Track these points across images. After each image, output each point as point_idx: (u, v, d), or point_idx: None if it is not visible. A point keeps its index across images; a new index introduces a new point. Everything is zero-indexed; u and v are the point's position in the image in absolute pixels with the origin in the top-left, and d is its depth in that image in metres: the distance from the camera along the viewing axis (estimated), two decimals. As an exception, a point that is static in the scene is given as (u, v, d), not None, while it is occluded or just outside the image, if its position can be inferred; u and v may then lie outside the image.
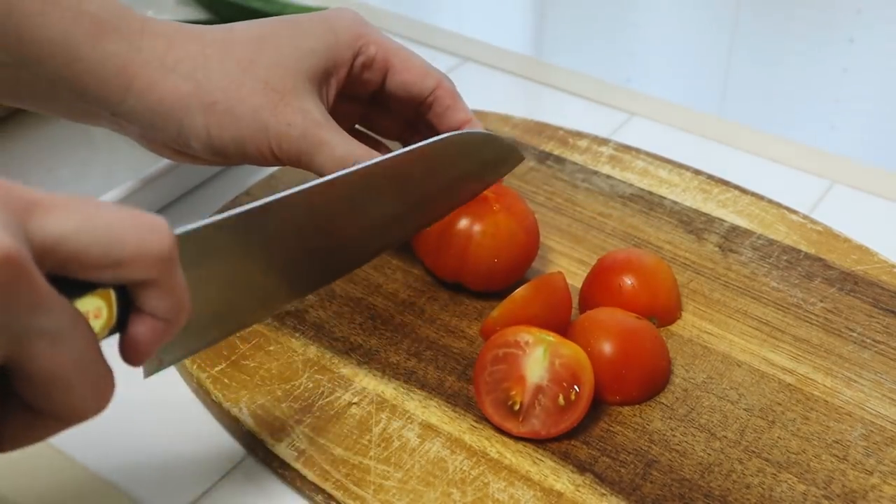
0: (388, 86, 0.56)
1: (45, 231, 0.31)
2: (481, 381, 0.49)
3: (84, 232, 0.32)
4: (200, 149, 0.52)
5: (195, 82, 0.51)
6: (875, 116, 0.87)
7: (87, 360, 0.33)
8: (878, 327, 0.55)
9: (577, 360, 0.48)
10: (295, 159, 0.52)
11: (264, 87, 0.51)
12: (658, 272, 0.55)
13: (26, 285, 0.30)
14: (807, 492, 0.46)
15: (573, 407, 0.48)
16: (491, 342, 0.49)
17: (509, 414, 0.48)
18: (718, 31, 0.92)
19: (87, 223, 0.32)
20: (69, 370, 0.32)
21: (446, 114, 0.56)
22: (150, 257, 0.34)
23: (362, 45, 0.54)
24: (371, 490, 0.46)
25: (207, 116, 0.51)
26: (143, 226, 0.34)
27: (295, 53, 0.52)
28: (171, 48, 0.51)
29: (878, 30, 0.83)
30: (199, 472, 0.50)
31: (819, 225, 0.62)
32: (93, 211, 0.33)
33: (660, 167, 0.68)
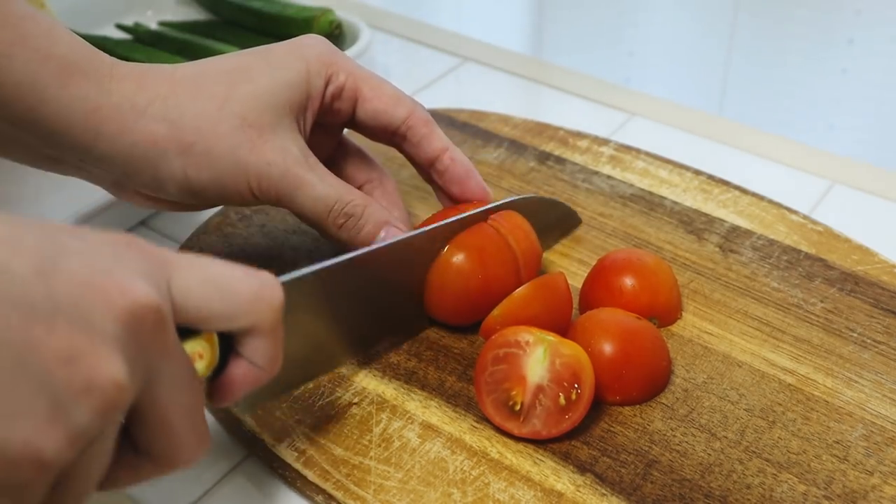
0: (359, 114, 0.54)
1: (175, 286, 0.35)
2: (482, 381, 0.48)
3: (206, 287, 0.36)
4: (177, 193, 0.50)
5: (169, 123, 0.49)
6: (875, 116, 0.87)
7: (196, 408, 0.36)
8: (879, 328, 0.55)
9: (578, 360, 0.48)
10: (274, 199, 0.51)
11: (241, 124, 0.50)
12: (658, 272, 0.55)
13: (164, 334, 0.34)
14: (807, 492, 0.46)
15: (574, 407, 0.48)
16: (491, 342, 0.49)
17: (510, 414, 0.48)
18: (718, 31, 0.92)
19: (208, 279, 0.36)
20: (181, 416, 0.35)
21: (422, 143, 0.55)
22: (260, 310, 0.38)
23: (332, 74, 0.53)
24: (371, 490, 0.46)
25: (185, 158, 0.49)
26: (257, 282, 0.38)
27: (270, 86, 0.51)
28: (141, 89, 0.49)
29: (877, 31, 0.83)
30: (200, 472, 0.50)
31: (819, 225, 0.62)
32: (213, 269, 0.37)
33: (660, 167, 0.68)
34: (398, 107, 0.54)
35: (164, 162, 0.49)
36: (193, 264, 0.36)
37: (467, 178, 0.56)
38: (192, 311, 0.36)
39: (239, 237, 0.61)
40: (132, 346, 0.32)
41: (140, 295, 0.32)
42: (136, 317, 0.32)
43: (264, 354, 0.39)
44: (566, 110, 0.78)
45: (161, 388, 0.34)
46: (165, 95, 0.50)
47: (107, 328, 0.31)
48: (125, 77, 0.50)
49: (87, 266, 0.32)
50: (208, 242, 0.61)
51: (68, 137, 0.49)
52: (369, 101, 0.54)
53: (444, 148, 0.55)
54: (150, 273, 0.34)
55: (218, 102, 0.50)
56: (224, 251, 0.60)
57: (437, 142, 0.55)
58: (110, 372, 0.31)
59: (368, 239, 0.53)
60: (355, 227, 0.52)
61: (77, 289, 0.31)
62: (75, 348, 0.30)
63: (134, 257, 0.34)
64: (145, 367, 0.33)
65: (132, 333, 0.32)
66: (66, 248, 0.32)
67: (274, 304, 0.38)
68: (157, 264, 0.35)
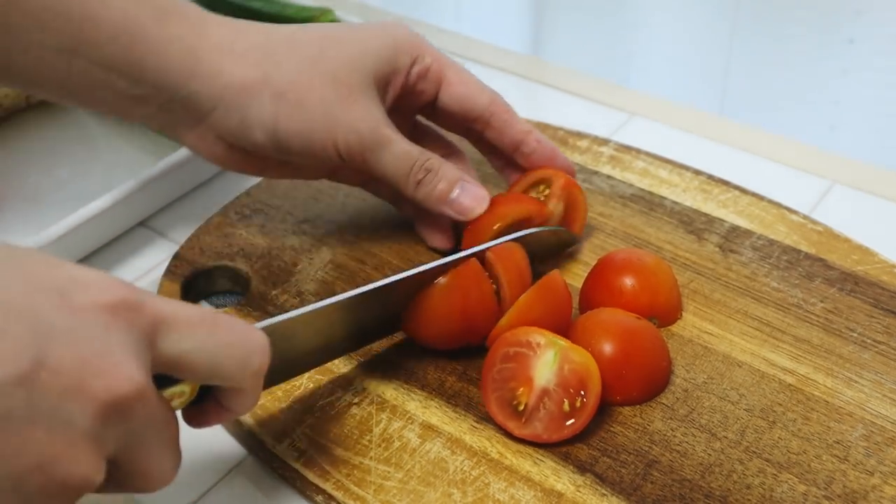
0: (442, 99, 0.56)
1: (169, 350, 0.35)
2: (489, 377, 0.48)
3: (199, 352, 0.36)
4: (262, 139, 0.52)
5: (264, 72, 0.51)
6: (875, 117, 0.87)
7: (168, 445, 0.37)
8: (879, 327, 0.55)
9: (587, 368, 0.48)
10: (359, 156, 0.52)
11: (333, 81, 0.51)
12: (658, 272, 0.55)
13: (146, 411, 0.34)
14: (807, 492, 0.46)
15: (577, 415, 0.47)
16: (503, 339, 0.49)
17: (513, 413, 0.48)
18: (718, 32, 0.92)
19: (202, 345, 0.36)
20: (155, 459, 0.36)
21: (505, 128, 0.57)
22: (245, 376, 0.39)
23: (419, 55, 0.55)
24: (371, 490, 0.46)
25: (277, 105, 0.51)
26: (249, 348, 0.38)
27: (360, 53, 0.53)
28: (240, 37, 0.51)
29: (877, 31, 0.83)
30: (200, 472, 0.50)
31: (819, 225, 0.62)
32: (207, 332, 0.36)
33: (660, 167, 0.68)
34: (482, 93, 0.56)
35: (257, 105, 0.51)
36: (188, 326, 0.36)
37: (554, 157, 0.58)
38: (179, 370, 0.37)
39: (239, 237, 0.61)
40: (110, 431, 0.33)
41: (122, 385, 0.32)
42: (116, 407, 0.32)
43: (239, 405, 0.41)
44: (566, 110, 0.78)
45: (135, 450, 0.35)
46: (262, 45, 0.51)
47: (85, 425, 0.32)
48: (222, 24, 0.52)
49: (71, 357, 0.31)
50: (208, 242, 0.61)
51: (161, 77, 0.50)
52: (454, 86, 0.56)
53: (529, 131, 0.58)
54: (137, 343, 0.34)
55: (311, 60, 0.52)
56: (224, 251, 0.60)
57: (521, 125, 0.57)
58: (85, 472, 0.32)
59: (444, 195, 0.54)
60: (432, 182, 0.54)
61: (58, 392, 0.31)
62: (50, 455, 0.31)
63: (122, 330, 0.33)
64: (124, 439, 0.34)
65: (111, 422, 0.33)
66: (50, 334, 0.31)
67: (258, 371, 0.39)
68: (147, 331, 0.35)
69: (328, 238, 0.61)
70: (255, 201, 0.64)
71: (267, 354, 0.39)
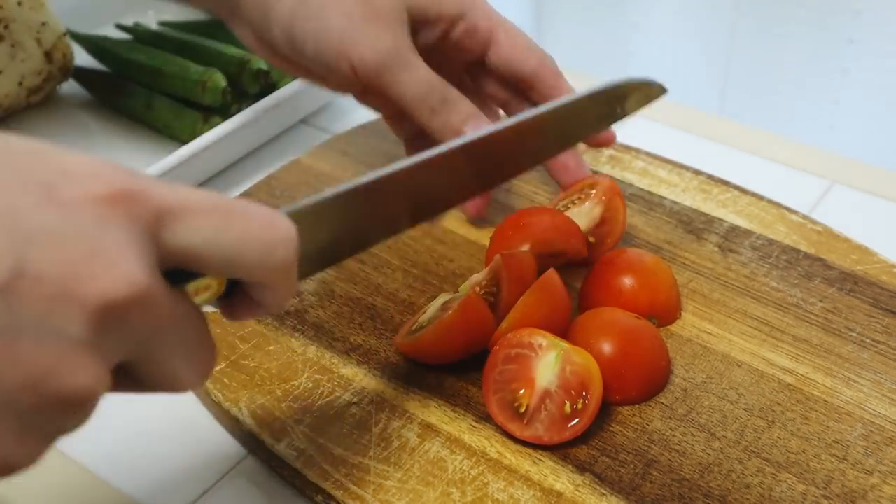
0: (491, 59, 0.55)
1: (175, 242, 0.31)
2: (490, 378, 0.48)
3: (213, 247, 0.32)
4: (281, 37, 0.51)
5: None
6: (875, 117, 0.87)
7: (196, 346, 0.34)
8: (878, 327, 0.55)
9: (588, 370, 0.48)
10: (374, 75, 0.51)
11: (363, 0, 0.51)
12: (658, 272, 0.55)
13: (152, 314, 0.31)
14: (806, 492, 0.46)
15: (578, 416, 0.47)
16: (505, 340, 0.49)
17: (514, 415, 0.48)
18: (718, 31, 0.92)
19: (214, 237, 0.32)
20: (181, 360, 0.33)
21: (550, 93, 0.56)
22: (270, 271, 0.34)
23: (468, 9, 0.54)
24: (371, 490, 0.46)
25: (297, 6, 0.50)
26: (270, 240, 0.34)
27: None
28: None
29: (877, 31, 0.83)
30: (199, 472, 0.50)
31: (819, 225, 0.62)
32: (222, 222, 0.32)
33: (659, 167, 0.68)
34: (530, 56, 0.55)
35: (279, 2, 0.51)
36: (197, 216, 0.32)
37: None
38: (197, 264, 0.33)
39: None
40: (110, 338, 0.30)
41: (117, 288, 0.29)
42: (112, 312, 0.29)
43: (272, 301, 0.37)
44: (566, 110, 0.78)
45: (156, 351, 0.32)
46: None
47: (77, 333, 0.29)
48: None
49: (57, 259, 0.28)
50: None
51: None
52: (503, 48, 0.55)
53: None
54: (139, 237, 0.30)
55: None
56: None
57: (567, 91, 0.56)
58: (82, 383, 0.29)
59: (458, 128, 0.53)
60: (448, 112, 0.53)
61: (43, 300, 0.28)
62: (41, 369, 0.28)
63: (120, 225, 0.30)
64: (133, 345, 0.31)
65: (108, 328, 0.30)
66: (31, 236, 0.28)
67: (284, 264, 0.35)
68: (151, 223, 0.31)
69: (328, 238, 0.61)
70: (255, 201, 0.64)
71: (293, 245, 0.35)
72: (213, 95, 0.71)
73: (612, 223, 0.58)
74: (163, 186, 0.32)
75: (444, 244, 0.61)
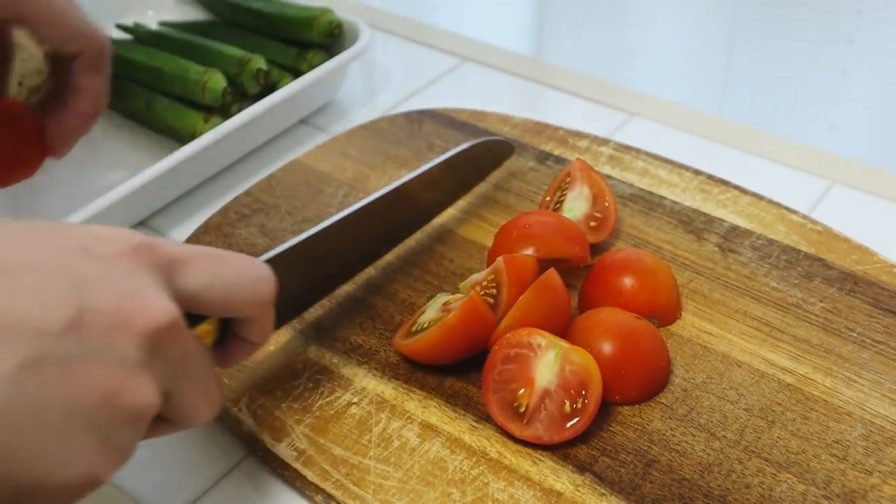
0: None
1: (186, 286, 0.38)
2: (489, 378, 0.48)
3: (213, 287, 0.39)
4: None
5: None
6: (875, 117, 0.87)
7: (208, 381, 0.40)
8: (878, 327, 0.55)
9: (587, 369, 0.48)
10: None
11: None
12: (658, 272, 0.55)
13: (181, 341, 0.37)
14: (806, 492, 0.46)
15: (578, 415, 0.47)
16: (504, 340, 0.49)
17: (514, 415, 0.48)
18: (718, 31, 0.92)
19: (215, 279, 0.39)
20: (198, 394, 0.39)
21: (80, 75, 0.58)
22: (257, 303, 0.42)
23: None
24: (371, 490, 0.46)
25: None
26: (255, 277, 0.42)
27: None
28: None
29: (877, 31, 0.83)
30: (199, 472, 0.50)
31: (819, 225, 0.62)
32: (218, 267, 0.40)
33: (660, 167, 0.68)
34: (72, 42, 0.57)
35: None
36: (198, 262, 0.39)
37: None
38: (199, 305, 0.39)
39: (239, 237, 0.61)
40: (157, 361, 0.36)
41: (159, 316, 0.35)
42: (158, 337, 0.35)
43: (258, 334, 0.44)
44: (566, 110, 0.78)
45: (181, 380, 0.38)
46: None
47: (135, 356, 0.35)
48: None
49: (110, 297, 0.34)
50: (208, 242, 0.61)
51: None
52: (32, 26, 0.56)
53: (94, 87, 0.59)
54: (160, 281, 0.37)
55: None
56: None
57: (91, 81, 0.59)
58: (147, 397, 0.35)
59: None
60: None
61: (105, 330, 0.34)
62: (113, 386, 0.34)
63: (145, 269, 0.36)
64: (170, 371, 0.37)
65: (156, 351, 0.35)
66: (86, 282, 0.34)
67: (267, 299, 0.42)
68: (166, 269, 0.38)
69: (328, 238, 0.61)
70: (255, 201, 0.65)
71: (272, 281, 0.42)
72: (213, 95, 0.71)
73: (601, 197, 0.60)
74: (167, 243, 0.39)
75: (444, 244, 0.61)
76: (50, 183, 0.70)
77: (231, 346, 0.44)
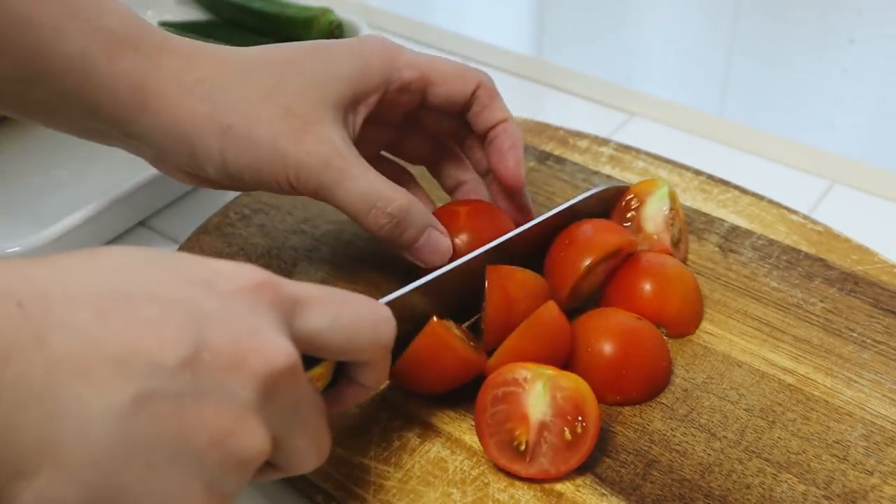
0: (430, 101, 0.54)
1: (306, 328, 0.37)
2: (483, 423, 0.47)
3: (335, 329, 0.38)
4: (214, 173, 0.50)
5: (212, 104, 0.49)
6: (875, 116, 0.87)
7: (320, 429, 0.39)
8: (879, 327, 0.55)
9: (580, 392, 0.46)
10: (313, 191, 0.50)
11: (286, 113, 0.49)
12: (675, 281, 0.54)
13: (297, 385, 0.35)
14: (807, 492, 0.46)
15: (580, 441, 0.46)
16: (489, 382, 0.47)
17: (516, 455, 0.46)
18: (718, 31, 0.92)
19: (336, 321, 0.38)
20: (308, 441, 0.38)
21: (483, 113, 0.55)
22: (377, 347, 0.40)
23: (394, 71, 0.52)
24: (371, 490, 0.46)
25: (222, 141, 0.49)
26: (377, 319, 0.40)
27: (321, 80, 0.50)
28: (191, 68, 0.49)
29: (878, 30, 0.83)
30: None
31: (819, 225, 0.62)
32: (340, 307, 0.38)
33: (660, 167, 0.68)
34: (467, 83, 0.55)
35: (202, 141, 0.49)
36: (321, 304, 0.38)
37: (509, 151, 0.55)
38: (317, 348, 0.38)
39: (239, 237, 0.61)
40: (271, 405, 0.34)
41: (278, 358, 0.34)
42: (275, 380, 0.34)
43: (372, 379, 0.42)
44: (566, 110, 0.78)
45: (292, 426, 0.36)
46: (213, 76, 0.49)
47: (250, 398, 0.33)
48: (174, 53, 0.49)
49: (228, 336, 0.33)
50: (208, 242, 0.61)
51: (114, 111, 0.49)
52: (440, 86, 0.54)
53: (505, 118, 0.55)
54: (280, 321, 0.35)
55: (265, 91, 0.49)
56: (224, 251, 0.60)
57: (498, 112, 0.55)
58: (257, 443, 0.33)
59: (410, 242, 0.52)
60: (397, 228, 0.51)
61: (221, 370, 0.33)
62: (224, 429, 0.32)
63: (267, 310, 0.35)
64: (282, 416, 0.35)
65: (271, 395, 0.34)
66: (206, 318, 0.33)
67: (387, 343, 0.41)
68: (288, 309, 0.36)
69: (328, 238, 0.61)
70: (255, 201, 0.65)
71: (393, 325, 0.41)
72: (213, 95, 0.71)
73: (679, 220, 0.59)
74: (290, 282, 0.37)
75: (444, 244, 0.61)
76: (50, 183, 0.70)
77: (343, 389, 0.43)
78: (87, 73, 0.48)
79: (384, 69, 0.52)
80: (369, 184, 0.50)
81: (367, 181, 0.50)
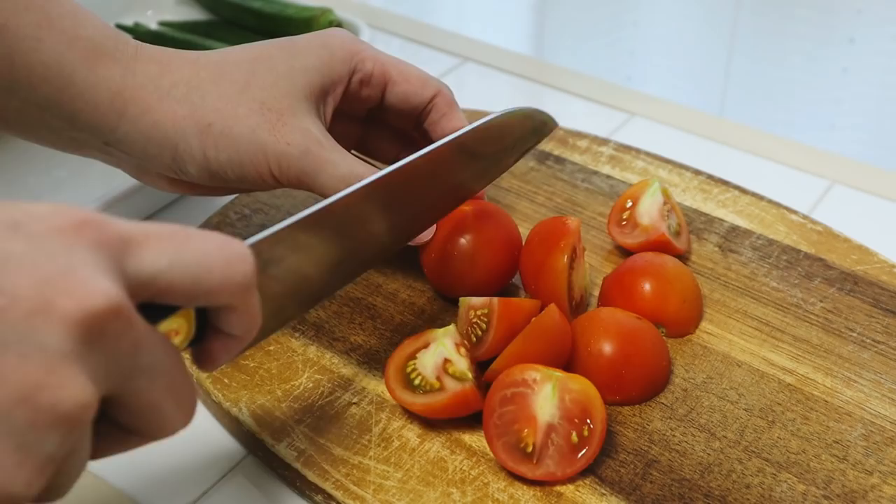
0: (388, 98, 0.55)
1: (140, 268, 0.32)
2: (491, 424, 0.47)
3: (176, 267, 0.33)
4: (197, 173, 0.51)
5: (190, 105, 0.50)
6: (875, 116, 0.87)
7: (178, 383, 0.34)
8: (878, 327, 0.55)
9: (588, 395, 0.46)
10: (295, 180, 0.51)
11: (261, 107, 0.50)
12: (675, 281, 0.54)
13: (130, 331, 0.31)
14: (806, 492, 0.46)
15: (587, 443, 0.46)
16: (498, 382, 0.47)
17: (522, 457, 0.46)
18: (718, 31, 0.92)
19: (178, 258, 0.33)
20: (163, 397, 0.34)
21: (441, 122, 0.56)
22: (233, 287, 0.35)
23: (358, 62, 0.54)
24: (371, 490, 0.46)
25: (203, 138, 0.50)
26: (228, 256, 0.35)
27: (290, 72, 0.51)
28: (166, 72, 0.50)
29: (878, 30, 0.83)
30: (199, 472, 0.50)
31: (819, 225, 0.62)
32: (182, 244, 0.34)
33: (660, 167, 0.68)
34: (426, 88, 0.55)
35: (184, 141, 0.50)
36: (159, 241, 0.33)
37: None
38: (160, 292, 0.34)
39: (239, 237, 0.61)
40: (94, 353, 0.30)
41: (94, 300, 0.30)
42: (94, 325, 0.30)
43: (239, 326, 0.37)
44: (566, 110, 0.78)
45: (138, 379, 0.33)
46: (188, 79, 0.50)
47: (63, 346, 0.29)
48: (150, 60, 0.51)
49: (32, 278, 0.30)
50: (208, 242, 0.61)
51: (93, 119, 0.49)
52: (398, 85, 0.55)
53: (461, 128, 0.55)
54: (106, 262, 0.31)
55: (239, 87, 0.51)
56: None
57: (456, 122, 0.56)
58: (73, 395, 0.29)
59: None
60: None
61: (23, 317, 0.29)
62: (31, 383, 0.29)
63: (86, 246, 0.31)
64: (115, 366, 0.32)
65: (92, 342, 0.30)
66: (5, 262, 0.30)
67: (244, 282, 0.36)
68: (116, 248, 0.32)
69: (328, 238, 0.61)
70: (255, 201, 0.65)
71: (250, 262, 0.36)
72: (213, 95, 0.71)
73: None
74: (122, 221, 0.33)
75: (444, 244, 0.61)
76: (50, 183, 0.70)
77: (211, 342, 0.38)
78: (66, 82, 0.48)
79: (347, 60, 0.53)
80: (349, 167, 0.50)
81: (347, 165, 0.51)
